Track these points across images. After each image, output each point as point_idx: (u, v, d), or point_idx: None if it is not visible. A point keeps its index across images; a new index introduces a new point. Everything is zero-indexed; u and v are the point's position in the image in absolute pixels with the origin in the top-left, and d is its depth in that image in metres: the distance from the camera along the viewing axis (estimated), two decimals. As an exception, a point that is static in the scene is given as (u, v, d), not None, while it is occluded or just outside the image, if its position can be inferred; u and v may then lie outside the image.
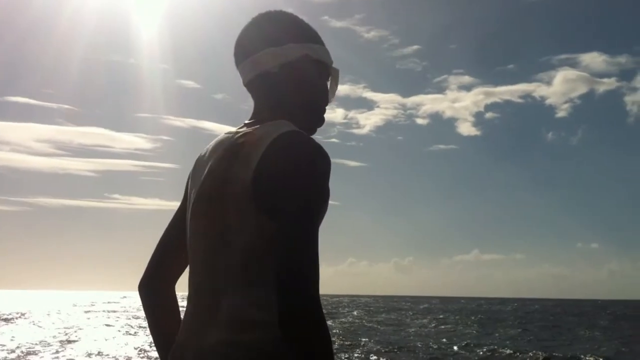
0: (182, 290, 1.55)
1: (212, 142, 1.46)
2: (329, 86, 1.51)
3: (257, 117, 1.44)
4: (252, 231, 1.27)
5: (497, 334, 29.70)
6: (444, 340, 25.00)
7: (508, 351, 20.31)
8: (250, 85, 1.47)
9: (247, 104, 1.51)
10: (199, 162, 1.46)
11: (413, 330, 32.13)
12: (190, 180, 1.48)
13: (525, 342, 25.35)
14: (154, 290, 1.51)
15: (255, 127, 1.37)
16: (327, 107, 1.51)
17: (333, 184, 1.31)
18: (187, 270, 1.45)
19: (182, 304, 1.43)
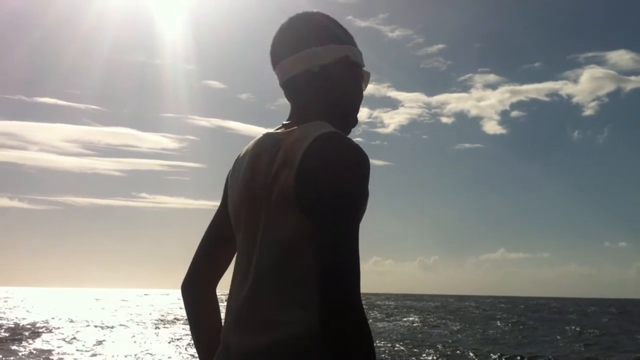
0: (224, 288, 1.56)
1: (251, 143, 1.47)
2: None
3: (295, 117, 1.44)
4: (293, 231, 1.28)
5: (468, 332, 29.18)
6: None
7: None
8: (288, 84, 1.47)
9: (272, 104, 1.55)
10: (238, 163, 1.47)
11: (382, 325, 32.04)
12: (229, 181, 1.49)
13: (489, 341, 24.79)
14: (196, 291, 1.53)
15: (294, 128, 1.38)
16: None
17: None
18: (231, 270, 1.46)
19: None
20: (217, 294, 1.56)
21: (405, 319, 38.74)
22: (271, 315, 1.29)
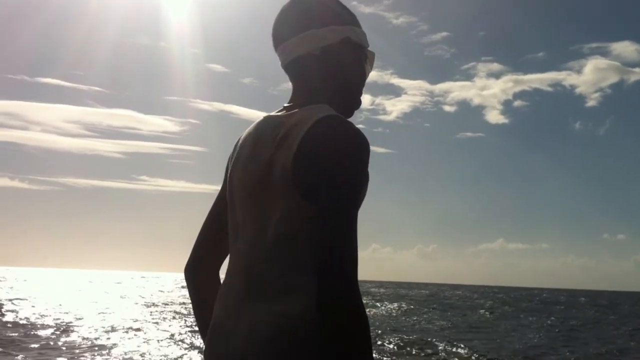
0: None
1: (251, 126, 1.46)
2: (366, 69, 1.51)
3: (296, 100, 1.44)
4: (291, 214, 1.28)
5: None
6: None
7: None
8: (290, 66, 1.46)
9: (274, 89, 1.54)
10: (238, 146, 1.46)
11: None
12: (229, 164, 1.49)
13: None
14: (199, 275, 1.54)
15: (295, 110, 1.37)
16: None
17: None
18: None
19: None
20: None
21: (389, 307, 38.69)
22: (268, 298, 1.29)
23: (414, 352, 16.04)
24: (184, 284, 1.57)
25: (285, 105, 1.45)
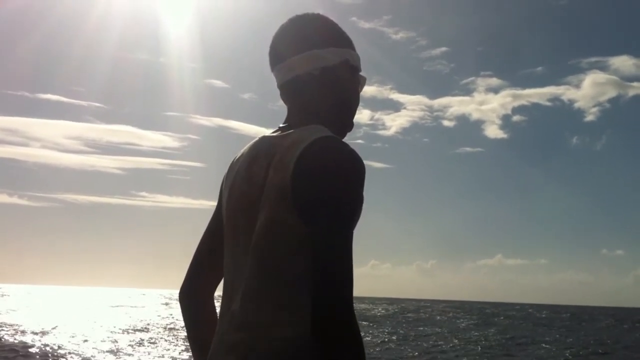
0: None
1: (247, 146, 1.46)
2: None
3: (292, 120, 1.43)
4: (287, 235, 1.27)
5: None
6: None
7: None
8: (287, 86, 1.45)
9: (274, 104, 1.53)
10: (234, 167, 1.45)
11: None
12: (224, 184, 1.48)
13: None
14: (193, 299, 1.52)
15: (290, 131, 1.37)
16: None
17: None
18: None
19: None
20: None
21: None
22: (263, 318, 1.28)
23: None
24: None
25: (281, 125, 1.44)
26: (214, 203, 1.55)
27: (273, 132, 1.43)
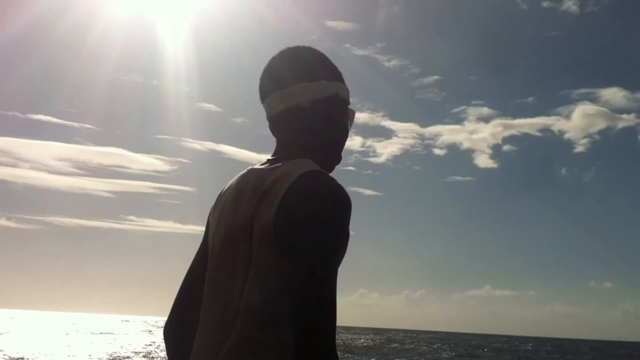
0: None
1: (234, 179, 1.45)
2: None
3: (280, 153, 1.43)
4: (270, 271, 1.25)
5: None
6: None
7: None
8: (277, 117, 1.45)
9: (266, 129, 1.50)
10: (221, 199, 1.44)
11: None
12: (211, 216, 1.47)
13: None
14: (177, 334, 1.49)
15: (278, 164, 1.36)
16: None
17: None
18: None
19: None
20: None
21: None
22: (243, 357, 1.26)
23: None
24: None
25: (269, 158, 1.44)
26: (203, 228, 1.53)
27: (261, 165, 1.42)
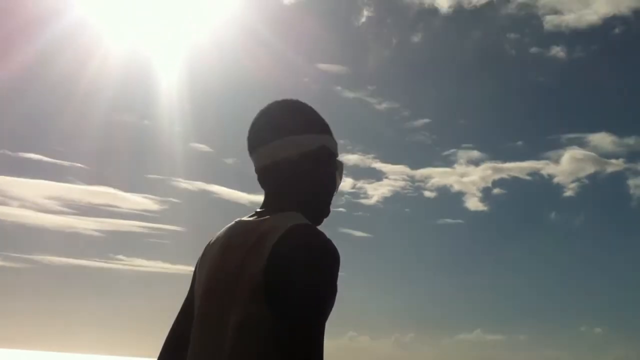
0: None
1: (222, 231, 1.44)
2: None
3: (269, 206, 1.42)
4: (258, 325, 1.24)
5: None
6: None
7: None
8: (264, 170, 1.45)
9: (257, 170, 1.50)
10: (208, 251, 1.43)
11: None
12: (198, 268, 1.46)
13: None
14: None
15: (266, 217, 1.36)
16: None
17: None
18: None
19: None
20: None
21: None
22: None
23: None
24: None
25: (257, 210, 1.43)
26: (192, 268, 1.52)
27: (249, 217, 1.42)
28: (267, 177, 1.45)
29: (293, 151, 1.41)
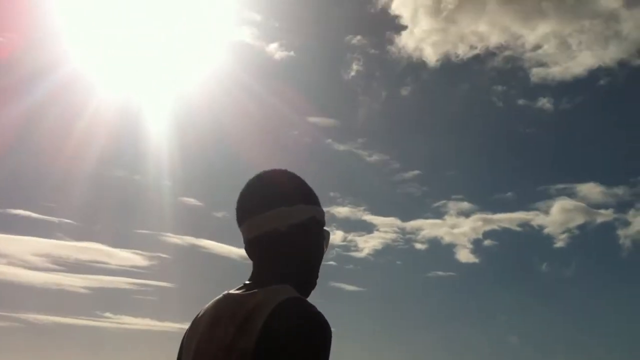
0: None
1: (210, 304, 1.41)
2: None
3: (257, 278, 1.39)
4: None
5: None
6: None
7: None
8: (254, 241, 1.43)
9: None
10: (197, 324, 1.39)
11: None
12: (186, 340, 1.41)
13: None
14: None
15: (255, 290, 1.33)
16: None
17: (328, 309, 1.29)
18: None
19: None
20: None
21: None
22: None
23: None
24: None
25: (246, 282, 1.40)
26: (180, 325, 1.48)
27: (238, 289, 1.38)
28: (256, 248, 1.43)
29: (282, 223, 1.40)
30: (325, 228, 1.50)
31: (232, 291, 1.39)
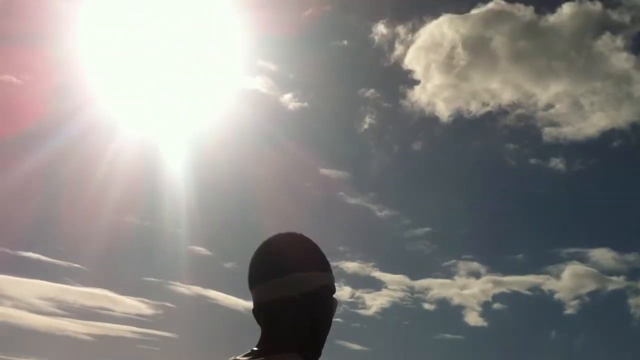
0: None
1: None
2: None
3: (265, 345, 1.38)
4: None
5: None
6: None
7: None
8: (265, 307, 1.40)
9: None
10: None
11: None
12: None
13: None
14: None
15: (262, 358, 1.32)
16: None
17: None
18: None
19: None
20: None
21: None
22: None
23: None
24: None
25: (253, 349, 1.38)
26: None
27: (244, 356, 1.37)
28: (266, 313, 1.40)
29: (295, 290, 1.37)
30: (335, 296, 1.46)
31: (239, 357, 1.37)
